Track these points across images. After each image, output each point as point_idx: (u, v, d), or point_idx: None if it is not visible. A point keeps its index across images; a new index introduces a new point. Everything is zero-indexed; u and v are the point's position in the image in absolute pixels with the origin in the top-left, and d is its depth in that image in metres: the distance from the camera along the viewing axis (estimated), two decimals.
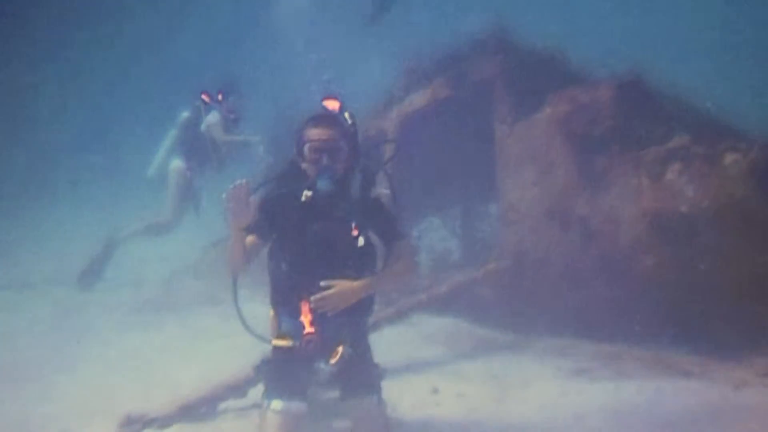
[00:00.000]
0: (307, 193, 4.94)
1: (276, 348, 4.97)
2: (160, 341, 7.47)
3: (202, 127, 9.77)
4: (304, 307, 4.93)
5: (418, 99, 8.56)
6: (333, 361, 4.91)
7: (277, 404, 4.91)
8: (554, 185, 7.32)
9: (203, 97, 9.94)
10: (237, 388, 5.95)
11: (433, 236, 9.68)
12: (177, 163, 9.81)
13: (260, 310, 5.30)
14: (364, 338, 5.14)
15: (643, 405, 5.74)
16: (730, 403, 5.69)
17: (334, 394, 5.22)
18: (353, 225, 4.97)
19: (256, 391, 5.95)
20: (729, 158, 6.68)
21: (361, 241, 4.95)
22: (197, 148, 9.76)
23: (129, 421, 5.66)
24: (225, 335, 7.08)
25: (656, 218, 6.76)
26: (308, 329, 4.85)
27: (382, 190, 5.22)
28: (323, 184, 4.92)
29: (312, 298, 4.90)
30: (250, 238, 4.96)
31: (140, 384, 6.42)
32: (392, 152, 7.56)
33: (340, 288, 4.92)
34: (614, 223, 6.95)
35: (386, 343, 6.29)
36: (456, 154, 8.74)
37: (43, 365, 6.95)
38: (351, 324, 5.04)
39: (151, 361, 6.98)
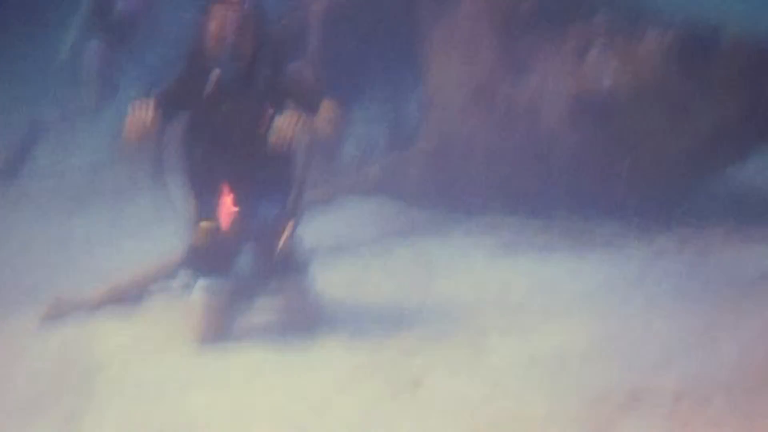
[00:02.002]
0: (216, 72, 4.87)
1: (199, 230, 5.03)
2: (87, 230, 7.40)
3: None
4: (225, 188, 4.95)
5: None
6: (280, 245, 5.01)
7: (201, 283, 5.02)
8: (479, 66, 7.32)
9: None
10: (167, 272, 5.96)
11: (361, 125, 9.65)
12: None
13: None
14: (287, 216, 5.16)
15: (567, 275, 5.96)
16: (649, 269, 5.94)
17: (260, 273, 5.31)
18: (267, 104, 4.93)
19: (186, 274, 6.02)
20: (650, 36, 6.78)
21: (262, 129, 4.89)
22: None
23: (57, 306, 5.65)
24: (154, 221, 7.06)
25: (579, 97, 6.86)
26: (231, 208, 4.88)
27: (298, 64, 5.15)
28: (231, 63, 4.87)
29: None
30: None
31: (68, 272, 6.39)
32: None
33: None
34: (539, 103, 7.04)
35: (316, 224, 6.36)
36: (382, 41, 8.65)
37: None
38: (273, 201, 5.06)
39: (78, 248, 6.94)
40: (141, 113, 4.75)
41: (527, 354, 4.86)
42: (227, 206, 4.95)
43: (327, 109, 4.95)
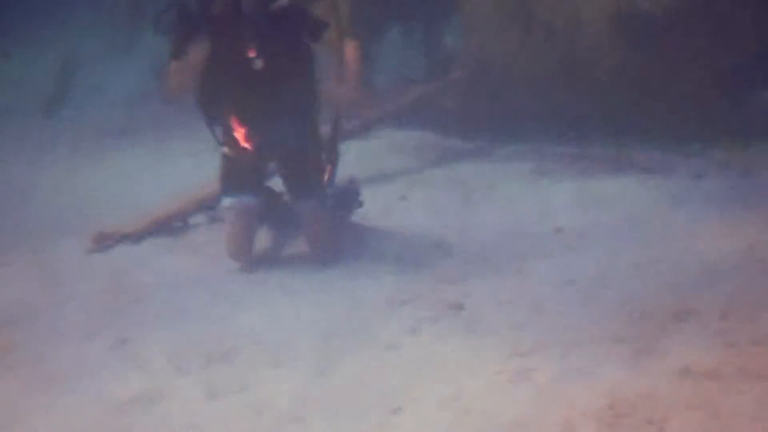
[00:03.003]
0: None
1: (224, 155, 5.22)
2: (128, 163, 7.46)
3: None
4: (235, 124, 5.07)
5: None
6: None
7: (227, 201, 5.21)
8: None
9: None
10: (207, 201, 6.00)
11: (396, 56, 9.57)
12: None
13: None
14: (305, 144, 5.24)
15: (606, 199, 5.91)
16: (690, 191, 5.87)
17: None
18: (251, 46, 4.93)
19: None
20: None
21: (258, 64, 4.92)
22: None
23: (102, 238, 5.73)
24: (193, 154, 7.11)
25: (618, 17, 6.74)
26: (243, 144, 5.07)
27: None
28: None
29: None
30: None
31: (111, 203, 6.47)
32: None
33: None
34: (577, 25, 6.92)
35: (353, 155, 6.37)
36: None
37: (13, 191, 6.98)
38: (289, 130, 5.12)
39: (118, 182, 7.01)
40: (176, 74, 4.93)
41: (568, 277, 4.85)
42: (240, 141, 5.09)
43: (349, 49, 5.07)
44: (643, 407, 3.54)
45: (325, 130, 5.47)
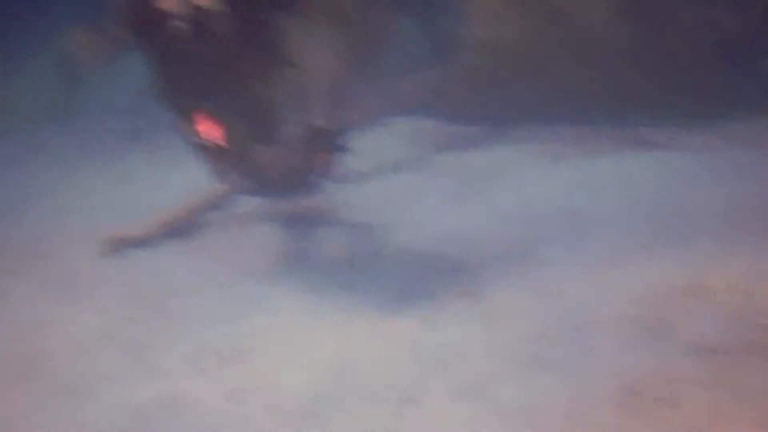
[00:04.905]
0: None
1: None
2: (137, 166, 7.49)
3: None
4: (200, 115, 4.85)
5: None
6: None
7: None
8: None
9: None
10: (214, 202, 6.02)
11: (403, 38, 9.54)
12: None
13: None
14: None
15: (617, 177, 5.90)
16: (701, 167, 5.84)
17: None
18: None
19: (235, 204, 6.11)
20: None
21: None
22: None
23: (112, 243, 5.75)
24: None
25: None
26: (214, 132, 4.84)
27: None
28: None
29: None
30: None
31: (118, 208, 6.48)
32: None
33: None
34: (581, 4, 6.87)
35: (361, 145, 6.34)
36: None
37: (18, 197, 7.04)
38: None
39: (126, 186, 7.03)
40: None
41: (580, 260, 4.84)
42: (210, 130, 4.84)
43: None
44: (657, 388, 3.53)
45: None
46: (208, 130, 4.73)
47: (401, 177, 6.54)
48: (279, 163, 5.17)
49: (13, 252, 5.93)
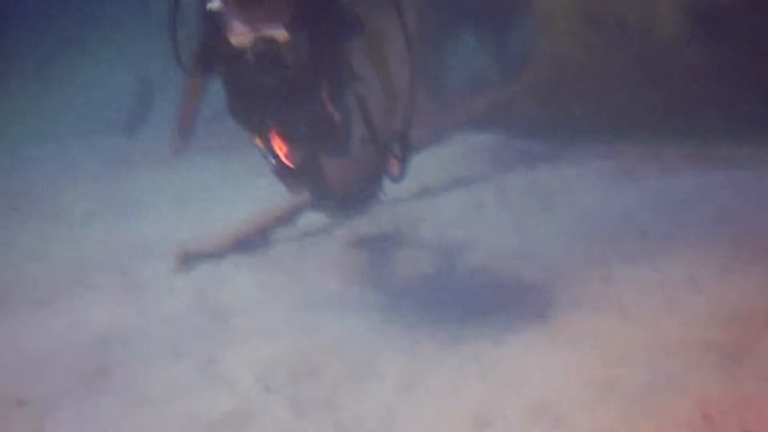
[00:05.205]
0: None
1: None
2: (206, 181, 7.58)
3: None
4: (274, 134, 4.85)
5: None
6: None
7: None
8: None
9: None
10: (285, 218, 6.06)
11: (469, 55, 9.52)
12: None
13: None
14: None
15: (691, 198, 5.76)
16: None
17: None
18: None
19: (304, 220, 6.13)
20: None
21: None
22: None
23: (186, 257, 5.82)
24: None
25: (694, 11, 6.60)
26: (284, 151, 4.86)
27: None
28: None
29: None
30: None
31: (193, 222, 6.57)
32: None
33: None
34: (651, 20, 6.79)
35: (427, 162, 6.34)
36: None
37: (99, 212, 7.15)
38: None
39: (201, 201, 7.12)
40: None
41: (655, 280, 4.73)
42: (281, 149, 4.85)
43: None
44: (736, 414, 3.43)
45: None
46: (280, 148, 4.81)
47: (469, 194, 6.50)
48: (350, 175, 5.22)
49: (91, 265, 6.03)
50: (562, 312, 4.58)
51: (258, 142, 4.87)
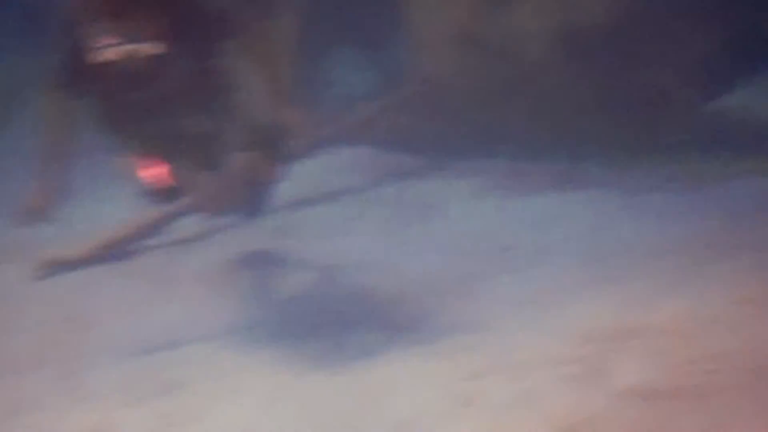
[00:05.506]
0: None
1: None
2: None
3: None
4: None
5: None
6: None
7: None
8: (461, 5, 7.24)
9: None
10: (153, 227, 5.95)
11: (347, 70, 9.57)
12: None
13: None
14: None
15: (554, 215, 5.98)
16: (638, 207, 5.94)
17: None
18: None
19: (176, 229, 6.05)
20: None
21: None
22: None
23: (45, 264, 5.64)
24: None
25: (564, 32, 6.83)
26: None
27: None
28: None
29: None
30: None
31: (53, 227, 6.34)
32: None
33: None
34: (523, 40, 6.99)
35: (298, 174, 6.33)
36: None
37: None
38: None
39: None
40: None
41: (517, 296, 4.88)
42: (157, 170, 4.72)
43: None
44: (588, 431, 3.56)
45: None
46: (154, 170, 4.65)
47: (338, 206, 6.55)
48: (228, 187, 5.07)
49: None
50: (425, 326, 4.66)
51: (126, 164, 4.68)
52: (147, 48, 4.10)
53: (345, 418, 3.89)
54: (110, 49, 4.08)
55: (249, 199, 5.23)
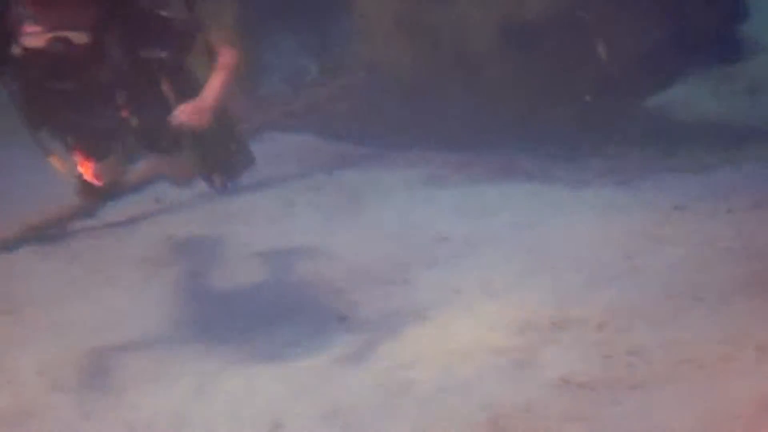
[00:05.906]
0: None
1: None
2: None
3: None
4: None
5: None
6: None
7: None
8: None
9: None
10: (84, 209, 5.81)
11: (289, 56, 9.49)
12: None
13: None
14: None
15: (490, 206, 5.98)
16: (572, 199, 5.99)
17: None
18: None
19: (105, 211, 5.92)
20: None
21: None
22: None
23: None
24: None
25: (504, 25, 6.83)
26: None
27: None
28: None
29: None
30: None
31: None
32: None
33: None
34: (464, 32, 6.98)
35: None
36: None
37: None
38: None
39: None
40: None
41: (454, 285, 4.87)
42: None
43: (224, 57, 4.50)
44: (522, 420, 3.56)
45: None
46: (86, 165, 4.50)
47: (278, 193, 6.47)
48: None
49: None
50: (359, 315, 4.63)
51: (55, 161, 4.51)
52: (75, 37, 3.95)
53: (275, 407, 3.83)
54: (37, 36, 3.91)
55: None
